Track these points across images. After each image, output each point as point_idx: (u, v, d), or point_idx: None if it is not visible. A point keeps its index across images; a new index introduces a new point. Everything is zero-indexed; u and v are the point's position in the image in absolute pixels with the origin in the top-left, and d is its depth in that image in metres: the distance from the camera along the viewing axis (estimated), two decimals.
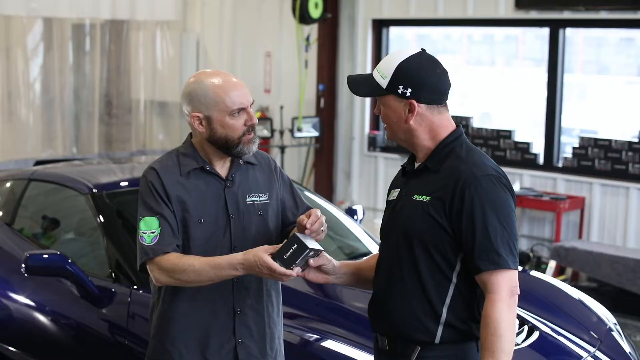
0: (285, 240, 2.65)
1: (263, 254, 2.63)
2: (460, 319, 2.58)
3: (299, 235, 2.64)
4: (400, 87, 2.58)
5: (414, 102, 2.58)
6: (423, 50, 2.68)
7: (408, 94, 2.58)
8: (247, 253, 2.67)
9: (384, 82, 2.61)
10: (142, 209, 2.83)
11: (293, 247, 2.61)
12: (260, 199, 2.93)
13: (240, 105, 2.80)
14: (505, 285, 2.48)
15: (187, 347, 2.87)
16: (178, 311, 2.87)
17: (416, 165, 2.70)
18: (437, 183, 2.58)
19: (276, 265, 2.60)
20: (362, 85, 2.71)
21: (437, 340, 2.58)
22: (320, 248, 2.72)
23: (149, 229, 2.78)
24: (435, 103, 2.62)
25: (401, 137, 2.66)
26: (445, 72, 2.65)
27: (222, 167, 2.91)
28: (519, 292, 2.54)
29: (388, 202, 2.78)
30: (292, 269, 2.62)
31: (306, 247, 2.60)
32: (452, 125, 2.67)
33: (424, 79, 2.59)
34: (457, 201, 2.52)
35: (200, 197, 2.85)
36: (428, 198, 2.57)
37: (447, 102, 2.67)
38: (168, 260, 2.76)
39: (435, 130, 2.63)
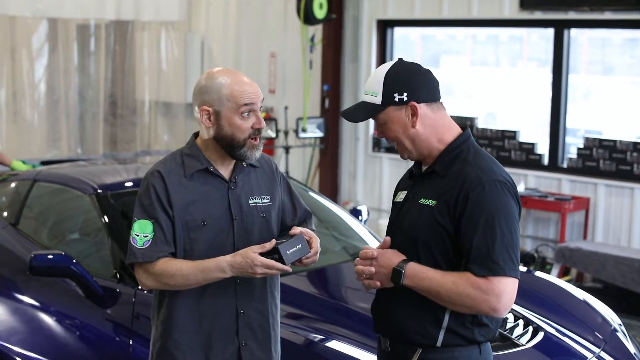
0: (290, 236, 2.76)
1: (254, 254, 2.67)
2: (463, 323, 2.56)
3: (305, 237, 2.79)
4: (396, 94, 2.58)
5: (415, 103, 2.58)
6: (400, 58, 2.69)
7: (406, 98, 2.58)
8: (235, 255, 2.71)
9: (377, 99, 2.60)
10: (138, 210, 2.82)
11: (297, 246, 2.72)
12: (263, 201, 2.93)
13: (250, 100, 2.79)
14: (496, 290, 2.44)
15: (191, 349, 2.87)
16: (181, 314, 2.86)
17: (423, 168, 2.69)
18: (443, 187, 2.57)
19: (273, 262, 2.67)
20: (357, 111, 2.68)
21: (438, 343, 2.57)
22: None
23: (142, 232, 2.79)
24: (433, 100, 2.62)
25: (411, 148, 2.63)
26: (429, 71, 2.66)
27: (225, 169, 2.89)
28: (510, 304, 2.48)
29: (394, 204, 2.77)
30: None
31: (308, 251, 2.75)
32: (457, 128, 2.67)
33: (414, 79, 2.60)
34: (460, 203, 2.51)
35: (204, 199, 2.84)
36: (434, 202, 2.57)
37: (441, 100, 2.67)
38: (156, 265, 2.77)
39: (441, 131, 2.63)
